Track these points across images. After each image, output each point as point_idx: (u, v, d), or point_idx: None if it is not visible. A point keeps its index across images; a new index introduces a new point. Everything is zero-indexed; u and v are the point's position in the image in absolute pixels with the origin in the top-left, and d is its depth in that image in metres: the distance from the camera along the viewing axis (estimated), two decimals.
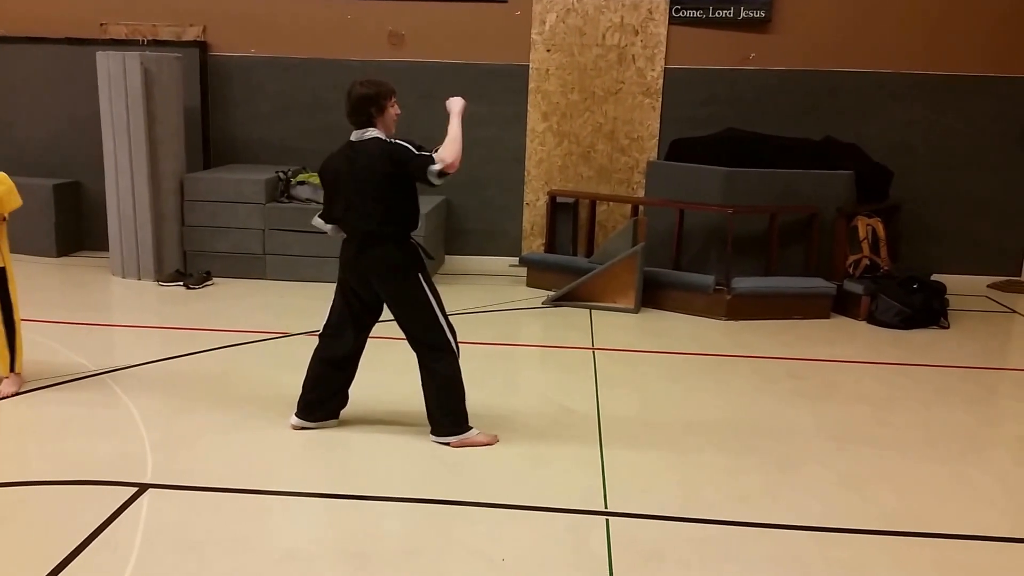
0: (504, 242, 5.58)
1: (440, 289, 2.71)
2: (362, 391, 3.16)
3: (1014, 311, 4.71)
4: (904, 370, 3.61)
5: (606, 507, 2.32)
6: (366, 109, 2.58)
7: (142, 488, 2.34)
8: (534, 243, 5.57)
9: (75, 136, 5.43)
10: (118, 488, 2.33)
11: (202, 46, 5.42)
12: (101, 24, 5.44)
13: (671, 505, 2.34)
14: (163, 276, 4.77)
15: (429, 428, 2.66)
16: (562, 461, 2.57)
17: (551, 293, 4.60)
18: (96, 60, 4.72)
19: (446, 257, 5.58)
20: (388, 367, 3.44)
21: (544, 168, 5.53)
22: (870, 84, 5.26)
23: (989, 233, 5.38)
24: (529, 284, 4.90)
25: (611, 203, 5.41)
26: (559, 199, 5.12)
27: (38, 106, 5.45)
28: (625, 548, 2.12)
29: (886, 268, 4.57)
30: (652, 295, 4.44)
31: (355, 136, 2.60)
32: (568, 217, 5.21)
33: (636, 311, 4.38)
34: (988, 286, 5.24)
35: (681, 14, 5.25)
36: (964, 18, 5.17)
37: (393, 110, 2.65)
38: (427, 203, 5.08)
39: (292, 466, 2.52)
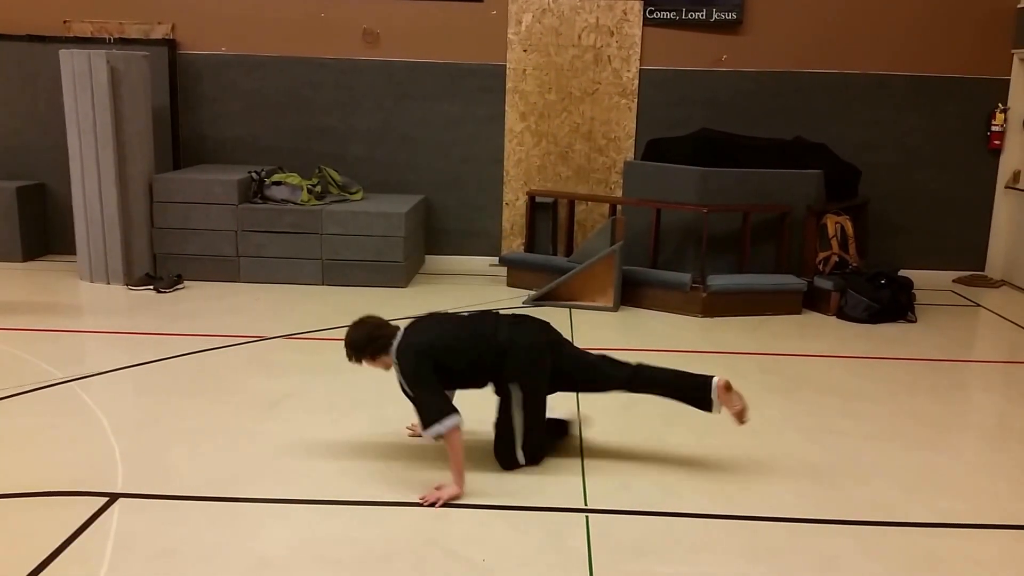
0: (484, 242, 5.58)
1: (421, 290, 2.68)
2: (337, 396, 3.13)
3: (978, 305, 4.86)
4: (872, 363, 3.70)
5: (586, 504, 2.33)
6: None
7: (112, 498, 2.29)
8: (514, 243, 5.58)
9: (39, 137, 5.28)
10: (88, 498, 2.28)
11: (171, 44, 5.31)
12: (65, 21, 5.30)
13: (649, 500, 2.36)
14: (132, 280, 4.67)
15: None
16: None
17: (532, 293, 4.61)
18: (60, 58, 4.60)
19: (426, 257, 5.56)
20: (368, 371, 3.41)
21: (523, 168, 5.54)
22: (838, 85, 5.39)
23: (954, 229, 5.54)
24: (510, 284, 4.91)
25: (589, 203, 5.44)
26: (538, 199, 5.14)
27: (0, 106, 5.30)
28: (605, 544, 2.13)
29: (855, 264, 4.68)
30: (630, 293, 4.48)
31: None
32: (547, 217, 5.23)
33: (615, 309, 4.41)
34: (953, 281, 5.40)
35: (655, 15, 5.31)
36: (929, 21, 5.32)
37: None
38: (405, 203, 5.07)
39: (266, 473, 2.48)
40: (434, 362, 2.34)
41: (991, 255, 5.56)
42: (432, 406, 2.30)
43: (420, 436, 2.61)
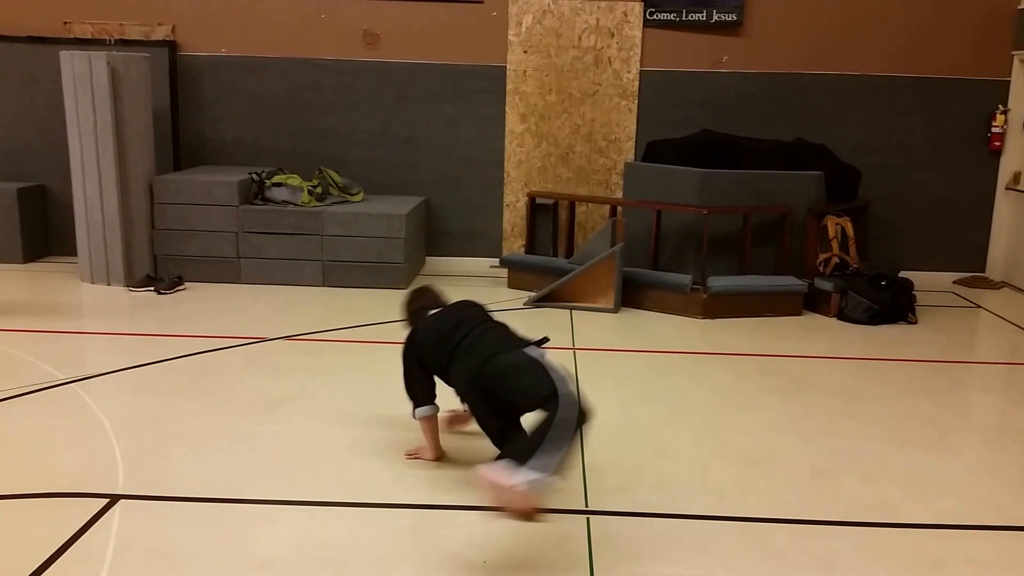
0: (484, 243, 5.58)
1: None
2: (341, 396, 3.13)
3: (979, 306, 4.86)
4: (873, 364, 3.70)
5: (587, 506, 2.33)
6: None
7: (113, 499, 2.29)
8: (514, 244, 5.58)
9: (40, 138, 5.28)
10: (88, 500, 2.28)
11: (171, 45, 5.31)
12: (65, 23, 5.30)
13: (650, 502, 2.36)
14: (133, 281, 4.67)
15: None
16: None
17: (532, 294, 4.61)
18: (60, 60, 4.60)
19: (427, 259, 5.56)
20: (369, 371, 3.41)
21: (523, 169, 5.54)
22: (838, 86, 5.39)
23: (954, 231, 5.55)
24: (510, 285, 4.91)
25: (590, 204, 5.44)
26: (539, 200, 5.14)
27: (0, 107, 5.29)
28: (605, 546, 2.13)
29: (855, 266, 4.68)
30: (631, 295, 4.48)
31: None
32: (548, 218, 5.23)
33: (616, 311, 4.41)
34: (954, 282, 5.40)
35: (655, 17, 5.31)
36: (929, 23, 5.33)
37: None
38: (406, 204, 5.07)
39: (267, 474, 2.48)
40: (417, 356, 2.47)
41: (991, 256, 5.56)
42: (410, 394, 2.49)
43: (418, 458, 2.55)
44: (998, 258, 5.51)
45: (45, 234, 5.39)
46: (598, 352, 3.76)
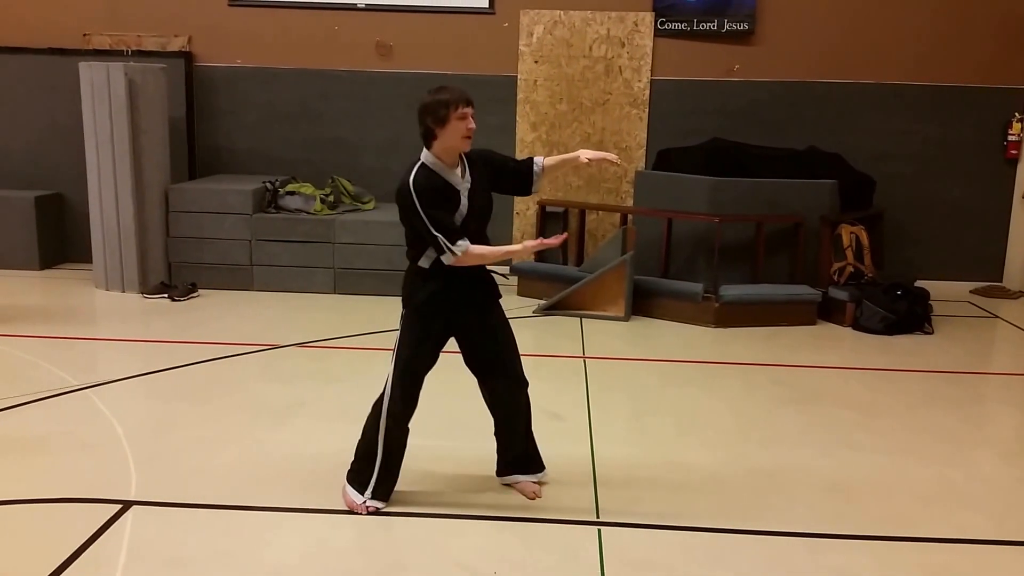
0: None
1: None
2: (349, 403, 3.13)
3: (996, 316, 4.79)
4: (889, 375, 3.65)
5: (598, 517, 2.31)
6: (421, 120, 2.23)
7: (126, 505, 2.30)
8: None
9: (57, 147, 5.37)
10: (101, 505, 2.29)
11: (187, 56, 5.40)
12: (84, 35, 5.41)
13: (662, 513, 2.34)
14: (147, 288, 4.72)
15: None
16: (553, 471, 2.56)
17: (542, 302, 4.60)
18: (79, 70, 4.69)
19: None
20: (380, 378, 3.41)
21: None
22: (852, 95, 5.36)
23: (971, 240, 5.48)
24: (520, 293, 4.90)
25: (600, 212, 5.44)
26: (549, 208, 5.15)
27: (19, 117, 5.39)
28: (617, 557, 2.11)
29: (870, 275, 4.63)
30: (642, 303, 4.46)
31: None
32: (558, 226, 5.23)
33: (626, 319, 4.39)
34: (971, 292, 5.32)
35: (666, 26, 5.32)
36: (944, 31, 5.29)
37: (462, 123, 2.24)
38: None
39: (278, 481, 2.48)
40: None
41: (1008, 265, 5.48)
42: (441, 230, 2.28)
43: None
44: (1015, 267, 5.43)
45: (61, 241, 5.46)
46: (608, 361, 3.75)
